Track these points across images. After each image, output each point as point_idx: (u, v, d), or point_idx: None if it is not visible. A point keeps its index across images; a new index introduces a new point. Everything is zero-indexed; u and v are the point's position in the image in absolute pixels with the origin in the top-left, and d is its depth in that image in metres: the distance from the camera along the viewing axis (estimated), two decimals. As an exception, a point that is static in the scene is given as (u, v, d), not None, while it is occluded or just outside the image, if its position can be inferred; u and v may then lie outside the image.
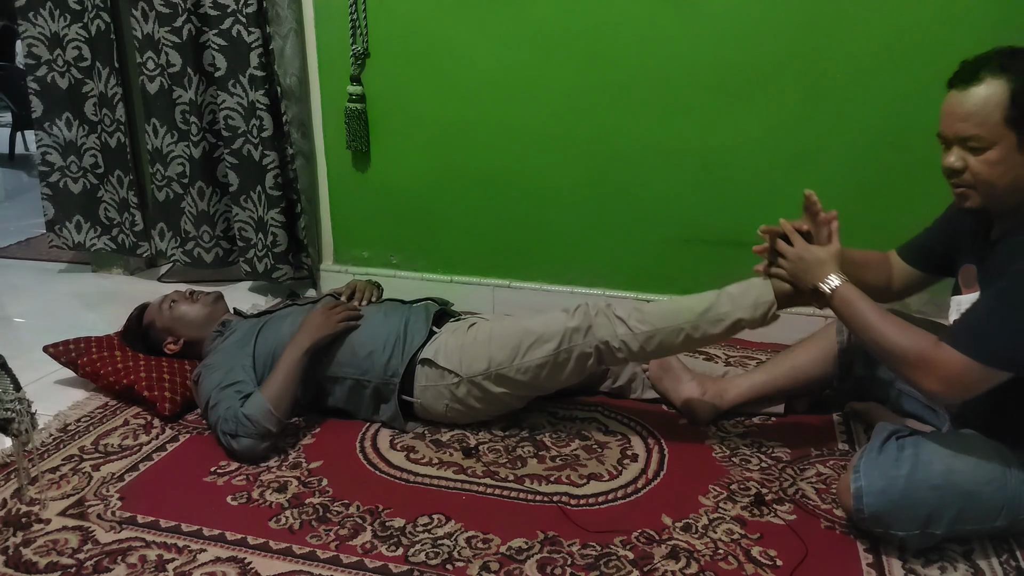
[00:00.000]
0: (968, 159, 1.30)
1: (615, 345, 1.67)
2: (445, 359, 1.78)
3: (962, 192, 1.35)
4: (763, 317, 1.61)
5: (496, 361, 1.74)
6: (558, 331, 1.69)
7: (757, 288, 1.62)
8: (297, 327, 1.85)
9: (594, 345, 1.68)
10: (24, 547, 1.42)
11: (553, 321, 1.72)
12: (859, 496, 1.37)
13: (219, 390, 1.74)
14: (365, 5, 2.43)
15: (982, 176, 1.30)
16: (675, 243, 2.38)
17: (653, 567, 1.37)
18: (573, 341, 1.69)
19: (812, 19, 2.10)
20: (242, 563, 1.38)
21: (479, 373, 1.75)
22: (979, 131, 1.27)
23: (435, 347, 1.80)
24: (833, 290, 1.46)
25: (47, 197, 2.92)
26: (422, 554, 1.40)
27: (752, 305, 1.61)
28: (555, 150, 2.40)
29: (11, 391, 1.49)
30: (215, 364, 1.81)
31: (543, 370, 1.72)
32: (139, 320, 2.07)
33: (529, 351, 1.72)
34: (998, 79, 1.25)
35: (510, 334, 1.75)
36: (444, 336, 1.83)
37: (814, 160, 2.20)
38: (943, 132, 1.33)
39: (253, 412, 1.68)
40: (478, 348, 1.76)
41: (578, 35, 2.27)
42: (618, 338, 1.66)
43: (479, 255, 2.59)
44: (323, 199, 2.71)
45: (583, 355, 1.70)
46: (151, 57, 2.61)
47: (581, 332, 1.68)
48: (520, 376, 1.73)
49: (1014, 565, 1.37)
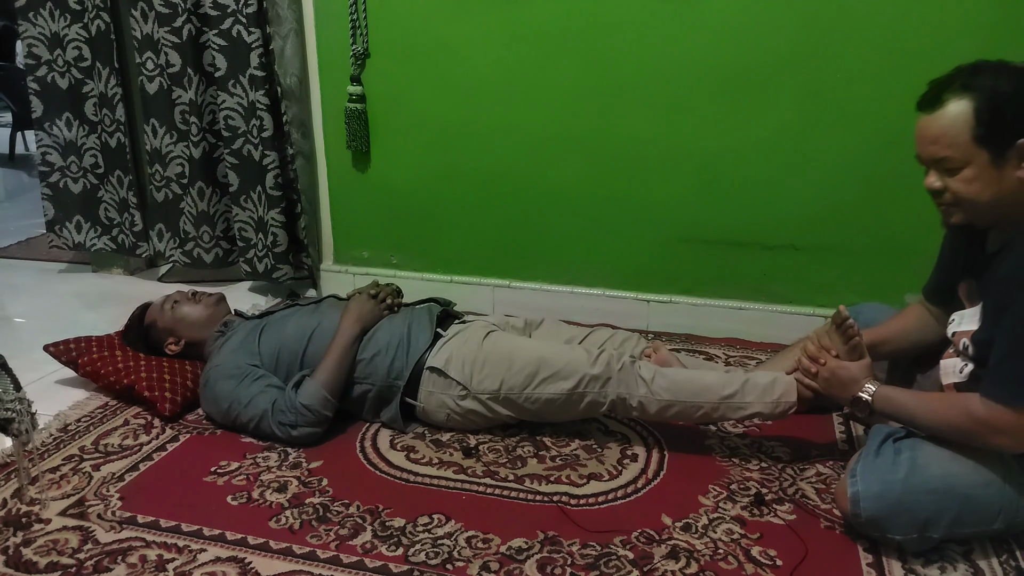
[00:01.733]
0: (946, 180, 1.31)
1: (632, 404, 1.68)
2: (456, 370, 1.77)
3: (946, 210, 1.35)
4: (781, 414, 1.64)
5: (508, 385, 1.73)
6: (576, 373, 1.69)
7: (783, 387, 1.64)
8: (301, 327, 1.87)
9: (609, 398, 1.68)
10: (24, 547, 1.42)
11: (574, 361, 1.71)
12: (856, 500, 1.37)
13: (247, 387, 1.76)
14: (365, 5, 2.43)
15: (962, 195, 1.30)
16: (675, 243, 2.38)
17: (653, 567, 1.37)
18: (589, 388, 1.69)
19: (812, 20, 2.10)
20: (242, 563, 1.38)
21: (488, 392, 1.75)
22: (950, 152, 1.28)
23: (445, 355, 1.79)
24: (872, 397, 1.46)
25: (47, 197, 2.92)
26: (422, 554, 1.40)
27: (774, 403, 1.63)
28: (555, 150, 2.40)
29: (11, 391, 1.49)
30: (225, 365, 1.82)
31: (552, 405, 1.72)
32: (140, 320, 2.07)
33: (543, 384, 1.71)
34: (962, 99, 1.25)
35: (527, 361, 1.73)
36: (454, 343, 1.82)
37: (814, 160, 2.20)
38: (919, 155, 1.34)
39: (311, 401, 1.73)
40: (492, 367, 1.75)
41: (578, 35, 2.27)
42: (636, 398, 1.67)
43: (479, 255, 2.59)
44: (323, 199, 2.71)
45: (595, 403, 1.70)
46: (150, 57, 2.61)
47: (599, 381, 1.68)
48: (528, 405, 1.73)
49: (1014, 565, 1.37)
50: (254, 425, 1.76)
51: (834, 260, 2.26)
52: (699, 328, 2.39)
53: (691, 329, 2.41)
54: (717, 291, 2.39)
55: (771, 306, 2.35)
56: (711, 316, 2.39)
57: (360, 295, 1.94)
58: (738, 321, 2.37)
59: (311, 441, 1.76)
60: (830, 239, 2.25)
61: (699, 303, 2.41)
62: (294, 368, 1.83)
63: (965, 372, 1.42)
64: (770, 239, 2.30)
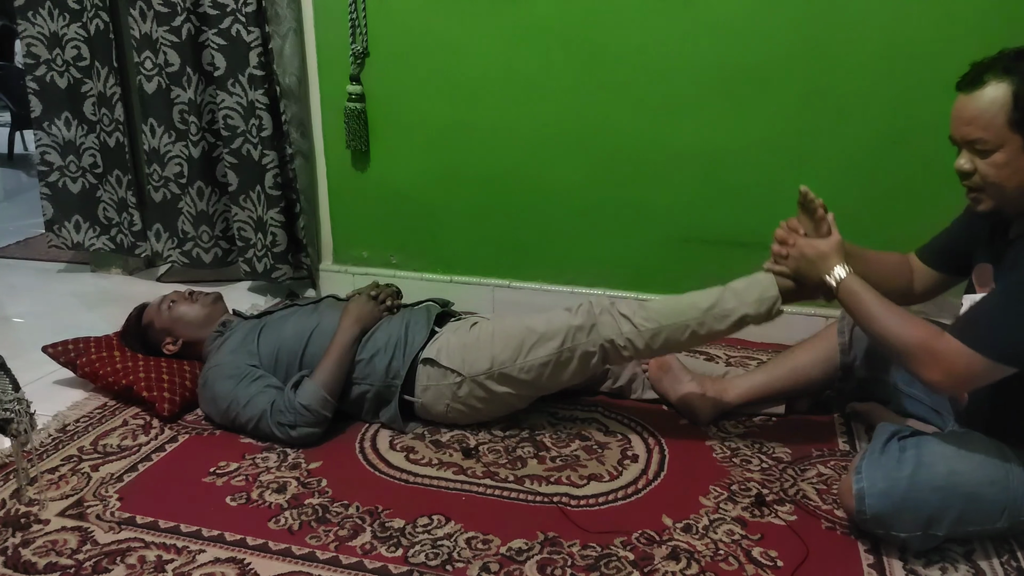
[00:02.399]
0: (976, 162, 1.30)
1: (620, 343, 1.67)
2: (448, 358, 1.77)
3: (975, 196, 1.35)
4: (768, 312, 1.62)
5: (499, 360, 1.73)
6: (561, 329, 1.70)
7: (761, 284, 1.63)
8: (300, 327, 1.87)
9: (599, 344, 1.68)
10: (23, 548, 1.41)
11: (556, 319, 1.72)
12: (861, 498, 1.37)
13: (246, 387, 1.76)
14: (365, 5, 2.42)
15: (990, 178, 1.29)
16: (675, 243, 2.38)
17: (653, 568, 1.36)
18: (576, 340, 1.69)
19: (813, 19, 2.10)
20: (241, 564, 1.38)
21: (482, 372, 1.75)
22: (984, 134, 1.27)
23: (437, 346, 1.80)
24: (839, 281, 1.46)
25: (46, 197, 2.91)
26: (422, 555, 1.40)
27: (756, 300, 1.62)
28: (555, 150, 2.40)
29: (10, 391, 1.49)
30: (224, 365, 1.81)
31: (546, 368, 1.72)
32: (138, 320, 2.07)
33: (532, 350, 1.72)
34: (1002, 82, 1.25)
35: (513, 333, 1.75)
36: (446, 335, 1.83)
37: (814, 160, 2.20)
38: (952, 135, 1.33)
39: (310, 401, 1.72)
40: (481, 347, 1.76)
41: (578, 35, 2.27)
42: (623, 336, 1.67)
43: (479, 255, 2.58)
44: (322, 199, 2.70)
45: (586, 354, 1.70)
46: (149, 56, 2.60)
47: (584, 330, 1.68)
48: (523, 375, 1.73)
49: (1015, 565, 1.37)
50: (253, 425, 1.76)
51: (834, 260, 2.26)
52: (699, 328, 2.38)
53: (691, 329, 2.40)
54: (717, 291, 2.38)
55: (771, 306, 2.34)
56: (711, 316, 2.38)
57: (359, 296, 1.93)
58: (738, 321, 2.36)
59: (310, 442, 1.75)
60: (830, 239, 2.24)
61: (699, 303, 2.40)
62: (293, 369, 1.83)
63: None
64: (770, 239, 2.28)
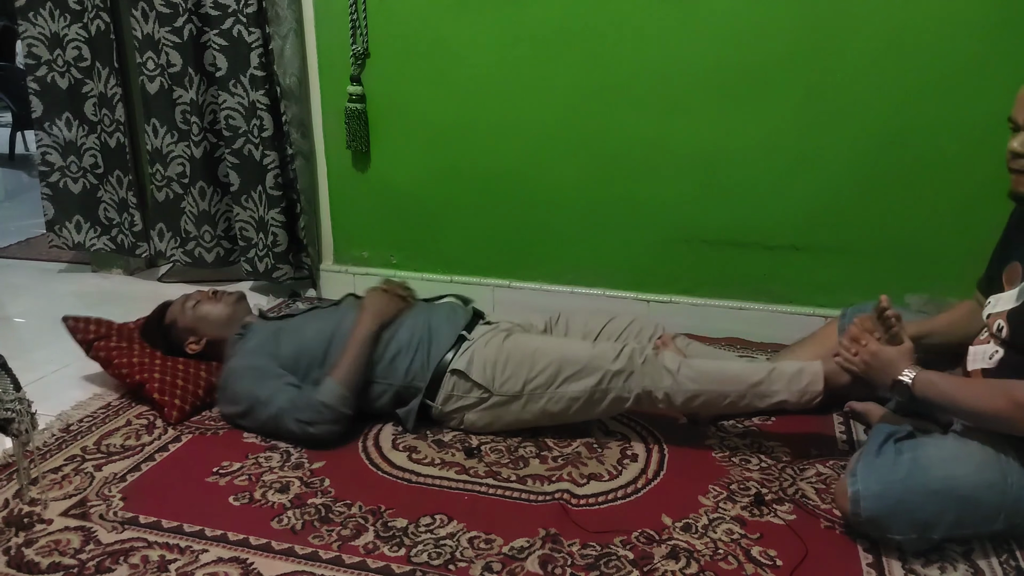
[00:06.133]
0: None
1: (657, 396, 1.67)
2: (479, 373, 1.75)
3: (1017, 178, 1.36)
4: (806, 404, 1.63)
5: (531, 385, 1.72)
6: (599, 369, 1.68)
7: (810, 375, 1.63)
8: (321, 329, 1.85)
9: (634, 392, 1.68)
10: (26, 547, 1.42)
11: (597, 357, 1.70)
12: (856, 500, 1.37)
13: (265, 385, 1.75)
14: (365, 5, 2.43)
15: None
16: (675, 243, 2.39)
17: (653, 567, 1.37)
18: (612, 383, 1.68)
19: (813, 19, 2.10)
20: (244, 563, 1.38)
21: (511, 394, 1.73)
22: None
23: (467, 357, 1.77)
24: (913, 380, 1.43)
25: (47, 197, 2.92)
26: (424, 554, 1.41)
27: (800, 391, 1.62)
28: (555, 150, 2.40)
29: (11, 391, 1.49)
30: (244, 365, 1.81)
31: (576, 403, 1.71)
32: (160, 319, 2.05)
33: (566, 383, 1.70)
34: None
35: (550, 360, 1.72)
36: (476, 345, 1.80)
37: (814, 160, 2.20)
38: (1014, 116, 1.35)
39: (330, 399, 1.72)
40: (514, 368, 1.73)
41: (578, 35, 2.27)
42: (662, 390, 1.66)
43: (479, 255, 2.59)
44: (323, 199, 2.71)
45: (620, 399, 1.69)
46: (151, 57, 2.61)
47: (622, 376, 1.68)
48: (552, 405, 1.72)
49: (1014, 565, 1.38)
50: (273, 423, 1.75)
51: (834, 260, 2.26)
52: (699, 328, 2.38)
53: (691, 329, 2.40)
54: (717, 291, 2.39)
55: (771, 306, 2.35)
56: (711, 316, 2.39)
57: (375, 290, 1.92)
58: (738, 321, 2.37)
59: (331, 439, 1.74)
60: (830, 239, 2.25)
61: (699, 303, 2.41)
62: (314, 371, 1.81)
63: (995, 359, 1.41)
64: (770, 239, 2.30)
